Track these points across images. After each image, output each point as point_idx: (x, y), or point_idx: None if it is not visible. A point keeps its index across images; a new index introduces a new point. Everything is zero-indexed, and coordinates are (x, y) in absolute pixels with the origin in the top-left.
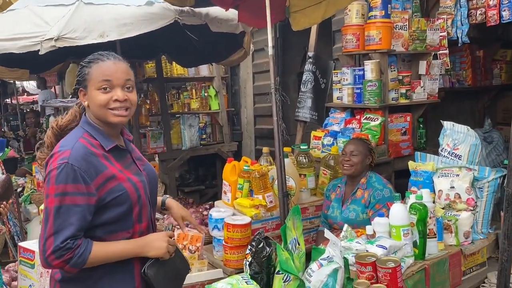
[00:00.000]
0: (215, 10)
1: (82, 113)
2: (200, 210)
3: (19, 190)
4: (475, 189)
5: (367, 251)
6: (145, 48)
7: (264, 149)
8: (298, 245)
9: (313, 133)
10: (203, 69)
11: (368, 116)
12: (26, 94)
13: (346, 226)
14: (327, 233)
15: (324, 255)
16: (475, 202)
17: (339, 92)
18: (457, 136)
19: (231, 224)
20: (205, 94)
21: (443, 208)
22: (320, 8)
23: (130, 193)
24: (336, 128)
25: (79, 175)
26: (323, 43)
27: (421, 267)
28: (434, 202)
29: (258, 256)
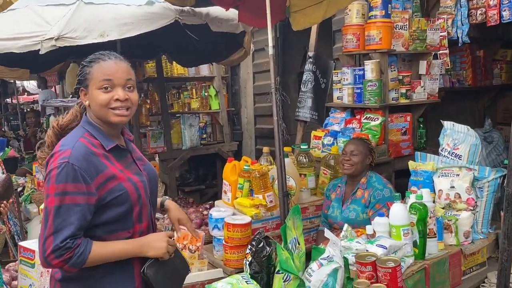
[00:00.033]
0: (216, 10)
1: (83, 112)
2: (200, 210)
3: (19, 189)
4: (475, 189)
5: (367, 250)
6: (146, 48)
7: (265, 149)
8: (298, 244)
9: (313, 132)
10: (204, 69)
11: (368, 116)
12: (26, 93)
13: (346, 225)
14: (327, 233)
15: (324, 254)
16: (475, 202)
17: (339, 92)
18: (457, 136)
19: (231, 223)
20: (206, 93)
21: (443, 208)
22: (321, 8)
23: (130, 193)
24: (336, 128)
25: (80, 174)
26: (323, 43)
27: (421, 267)
28: (434, 202)
29: (258, 256)
